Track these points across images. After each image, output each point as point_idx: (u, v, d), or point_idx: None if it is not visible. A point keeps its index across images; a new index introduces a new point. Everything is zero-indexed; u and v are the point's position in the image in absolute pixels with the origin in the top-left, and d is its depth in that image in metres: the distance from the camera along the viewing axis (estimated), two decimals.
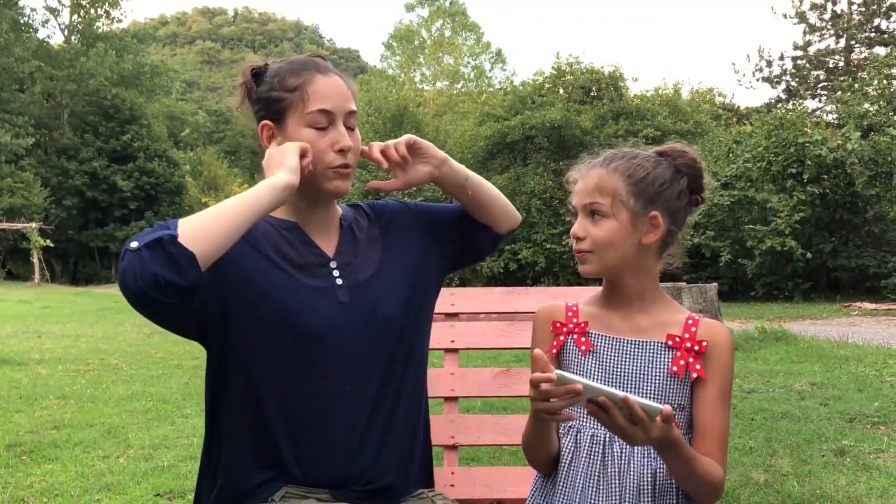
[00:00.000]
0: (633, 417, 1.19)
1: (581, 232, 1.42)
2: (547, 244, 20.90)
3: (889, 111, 16.63)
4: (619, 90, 23.47)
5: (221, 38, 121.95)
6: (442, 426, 2.09)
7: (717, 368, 1.39)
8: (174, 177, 39.86)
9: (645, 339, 1.42)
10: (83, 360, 8.04)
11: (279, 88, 1.47)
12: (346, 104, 1.47)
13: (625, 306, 1.45)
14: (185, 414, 5.33)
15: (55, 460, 4.09)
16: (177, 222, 1.27)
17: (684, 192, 1.43)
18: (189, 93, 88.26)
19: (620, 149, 1.48)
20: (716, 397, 1.39)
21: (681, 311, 1.45)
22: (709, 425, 1.39)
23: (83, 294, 23.11)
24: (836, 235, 16.41)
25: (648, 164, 1.42)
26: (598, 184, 1.41)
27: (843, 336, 8.89)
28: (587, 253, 1.42)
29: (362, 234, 1.60)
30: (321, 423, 1.44)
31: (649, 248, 1.42)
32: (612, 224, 1.39)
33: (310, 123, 1.44)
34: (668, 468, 1.34)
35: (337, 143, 1.45)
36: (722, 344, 1.40)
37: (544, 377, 1.20)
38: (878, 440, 4.23)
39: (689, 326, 1.41)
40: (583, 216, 1.43)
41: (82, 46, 39.20)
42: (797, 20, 29.33)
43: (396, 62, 41.30)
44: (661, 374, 1.39)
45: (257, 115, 1.53)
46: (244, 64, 1.57)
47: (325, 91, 1.45)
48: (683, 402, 1.41)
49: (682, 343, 1.40)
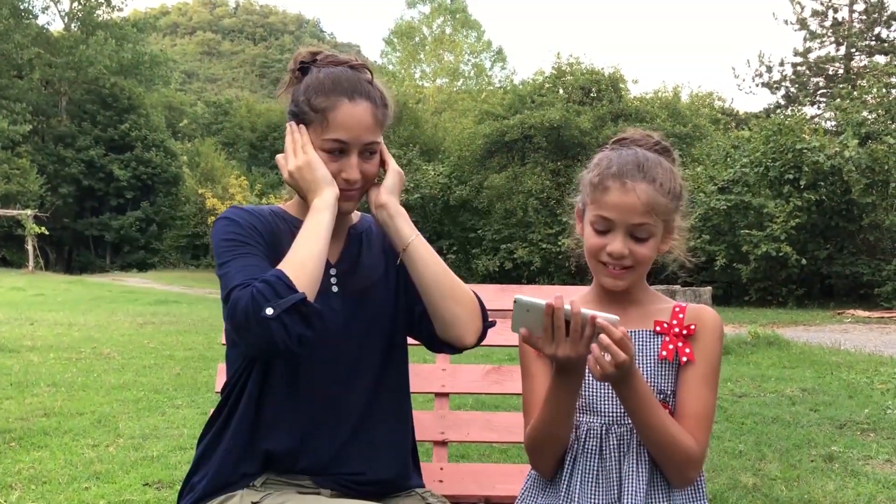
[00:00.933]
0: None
1: (626, 251, 1.37)
2: (543, 244, 20.91)
3: (887, 120, 16.69)
4: (619, 92, 23.48)
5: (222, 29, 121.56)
6: (432, 422, 2.09)
7: (704, 348, 1.39)
8: (171, 167, 39.79)
9: (635, 328, 1.42)
10: (75, 348, 8.02)
11: (306, 104, 1.48)
12: (363, 137, 1.47)
13: (616, 302, 1.45)
14: (176, 405, 5.32)
15: (44, 448, 4.08)
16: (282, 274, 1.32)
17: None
18: (188, 83, 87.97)
19: (644, 152, 1.41)
20: (698, 377, 1.38)
21: (667, 301, 1.47)
22: (687, 405, 1.37)
23: (77, 282, 23.06)
24: (831, 242, 16.45)
25: (672, 172, 1.41)
26: (650, 203, 1.35)
27: (836, 343, 8.91)
28: (628, 270, 1.39)
29: (371, 245, 1.62)
30: (307, 419, 1.48)
31: (661, 252, 1.44)
32: (656, 241, 1.39)
33: (324, 148, 1.47)
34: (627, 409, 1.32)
35: (343, 172, 1.48)
36: (710, 326, 1.41)
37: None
38: (868, 447, 4.24)
39: (676, 313, 1.42)
40: (624, 234, 1.37)
41: (82, 34, 39.10)
42: (798, 26, 29.35)
43: (397, 58, 41.26)
44: (650, 360, 1.40)
45: (288, 114, 1.54)
46: (299, 50, 1.57)
47: (345, 122, 1.46)
48: (676, 387, 1.41)
49: (670, 329, 1.40)
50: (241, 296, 1.30)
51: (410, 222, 1.53)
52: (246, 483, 1.46)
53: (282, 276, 1.32)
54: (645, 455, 1.38)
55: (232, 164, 45.15)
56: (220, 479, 1.46)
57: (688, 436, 1.34)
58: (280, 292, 1.29)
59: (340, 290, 1.54)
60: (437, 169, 24.33)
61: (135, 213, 38.79)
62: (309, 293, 1.33)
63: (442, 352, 1.65)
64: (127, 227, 38.47)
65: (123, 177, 37.73)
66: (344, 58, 1.57)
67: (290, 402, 1.48)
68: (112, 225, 38.45)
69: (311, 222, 1.41)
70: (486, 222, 23.07)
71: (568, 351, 1.26)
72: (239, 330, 1.31)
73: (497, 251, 22.30)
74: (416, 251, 1.50)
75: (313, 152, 1.45)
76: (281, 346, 1.29)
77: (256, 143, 48.90)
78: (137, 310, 13.60)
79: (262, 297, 1.28)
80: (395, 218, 1.51)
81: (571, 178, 17.67)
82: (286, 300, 1.29)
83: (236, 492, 1.43)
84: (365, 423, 1.53)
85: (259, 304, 1.27)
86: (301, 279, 1.33)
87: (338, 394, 1.50)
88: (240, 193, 37.37)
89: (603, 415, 1.41)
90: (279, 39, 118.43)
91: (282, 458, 1.47)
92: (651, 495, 1.38)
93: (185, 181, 40.96)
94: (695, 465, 1.36)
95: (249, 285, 1.31)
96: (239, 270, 1.38)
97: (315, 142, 1.47)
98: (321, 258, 1.39)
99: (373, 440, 1.54)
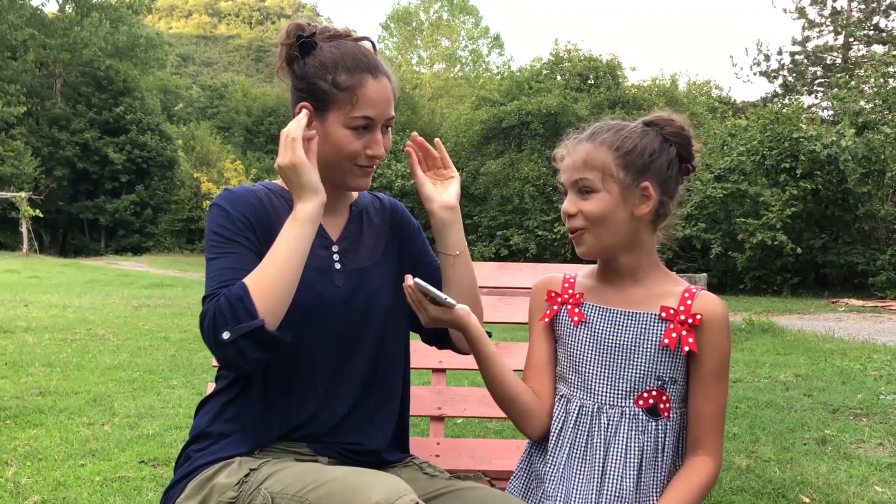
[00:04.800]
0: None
1: (572, 208, 1.40)
2: (539, 231, 20.94)
3: (884, 109, 16.67)
4: (617, 79, 23.48)
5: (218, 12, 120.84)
6: (429, 397, 2.10)
7: (711, 344, 1.38)
8: (166, 151, 39.59)
9: (639, 310, 1.41)
10: (70, 329, 8.01)
11: (331, 83, 1.46)
12: (388, 111, 1.50)
13: (619, 281, 1.45)
14: (172, 385, 5.32)
15: (40, 426, 4.08)
16: (245, 294, 1.31)
17: (674, 161, 1.41)
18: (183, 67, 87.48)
19: (606, 121, 1.46)
20: (710, 374, 1.38)
21: (678, 284, 1.44)
22: (701, 404, 1.39)
23: (71, 265, 23.01)
24: (826, 231, 16.48)
25: (635, 135, 1.40)
26: (586, 159, 1.39)
27: (830, 330, 8.95)
28: (581, 231, 1.40)
29: (371, 223, 1.64)
30: (310, 392, 1.49)
31: (642, 220, 1.40)
32: (604, 197, 1.37)
33: (350, 125, 1.46)
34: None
35: (370, 148, 1.49)
36: (718, 319, 1.38)
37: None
38: (860, 431, 4.27)
39: (685, 299, 1.40)
40: (572, 193, 1.41)
41: (77, 16, 38.75)
42: (796, 15, 29.29)
43: (393, 43, 41.14)
44: (652, 345, 1.39)
45: (297, 92, 1.51)
46: (289, 22, 1.54)
47: (374, 98, 1.47)
48: (676, 375, 1.40)
49: (676, 315, 1.38)
50: (206, 311, 1.33)
51: (463, 232, 1.62)
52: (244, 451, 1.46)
53: (244, 296, 1.31)
54: (635, 440, 1.38)
55: (227, 148, 45.00)
56: (219, 451, 1.46)
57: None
58: (239, 316, 1.29)
59: (343, 266, 1.55)
60: None
61: (129, 197, 38.62)
62: (273, 315, 1.33)
63: (441, 348, 1.71)
64: (122, 211, 38.31)
65: (118, 160, 37.54)
66: (343, 30, 1.55)
67: (293, 375, 1.48)
68: (107, 208, 38.28)
69: (291, 235, 1.38)
70: (483, 209, 23.07)
71: (425, 317, 1.42)
72: (206, 344, 1.34)
73: (493, 238, 22.32)
74: (464, 259, 1.59)
75: (302, 154, 1.40)
76: (237, 368, 1.36)
77: (252, 127, 48.69)
78: (132, 293, 13.59)
79: (221, 319, 1.30)
80: (457, 224, 1.60)
81: None
82: (243, 326, 1.29)
83: (234, 458, 1.43)
84: (365, 396, 1.54)
85: (218, 326, 1.30)
86: (266, 300, 1.32)
87: (339, 367, 1.51)
88: (235, 178, 37.26)
89: (596, 395, 1.42)
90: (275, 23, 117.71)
91: (285, 429, 1.48)
92: (641, 480, 1.38)
93: (180, 165, 40.80)
94: (715, 469, 1.40)
95: (216, 298, 1.33)
96: (216, 274, 1.40)
97: (339, 120, 1.46)
98: (294, 277, 1.37)
99: (372, 412, 1.55)
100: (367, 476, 1.28)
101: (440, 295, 1.39)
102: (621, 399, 1.40)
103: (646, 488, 1.38)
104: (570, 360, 1.46)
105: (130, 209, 38.49)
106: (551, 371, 1.50)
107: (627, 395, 1.40)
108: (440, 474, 1.54)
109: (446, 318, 1.42)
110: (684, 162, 1.43)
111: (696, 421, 1.39)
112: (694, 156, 1.44)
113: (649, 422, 1.39)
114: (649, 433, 1.39)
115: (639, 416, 1.39)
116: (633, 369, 1.39)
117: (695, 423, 1.40)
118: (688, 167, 1.44)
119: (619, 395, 1.40)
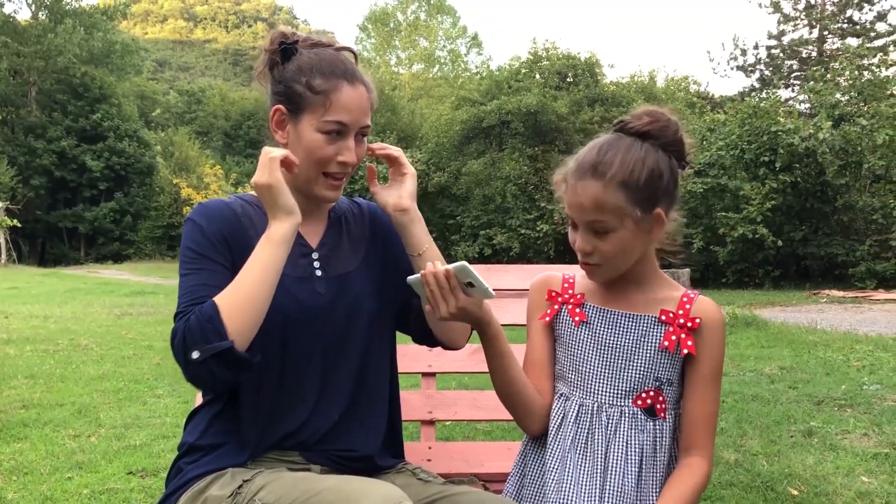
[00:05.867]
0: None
1: (587, 247, 1.38)
2: (522, 229, 20.96)
3: (860, 101, 16.86)
4: (595, 76, 23.52)
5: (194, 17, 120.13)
6: (419, 401, 2.09)
7: (708, 347, 1.40)
8: (145, 157, 39.35)
9: (639, 313, 1.43)
10: (52, 340, 7.92)
11: (305, 86, 1.46)
12: (362, 119, 1.49)
13: (620, 284, 1.45)
14: (157, 394, 5.28)
15: (24, 439, 4.03)
16: (216, 314, 1.31)
17: (674, 170, 1.39)
18: (160, 72, 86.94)
19: (603, 145, 1.38)
20: (705, 377, 1.41)
21: (677, 289, 1.46)
22: (697, 406, 1.41)
23: (51, 275, 22.77)
24: (806, 224, 16.64)
25: (641, 163, 1.35)
26: (597, 202, 1.34)
27: (812, 322, 9.03)
28: (596, 266, 1.40)
29: (350, 229, 1.63)
30: (300, 401, 1.49)
31: (654, 240, 1.42)
32: (621, 235, 1.36)
33: (323, 129, 1.46)
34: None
35: (341, 155, 1.48)
36: (715, 323, 1.41)
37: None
38: (845, 422, 4.31)
39: (683, 303, 1.42)
40: (584, 231, 1.38)
41: (50, 23, 38.42)
42: (772, 10, 29.57)
43: (371, 45, 41.03)
44: (652, 348, 1.41)
45: (274, 96, 1.51)
46: (274, 31, 1.55)
47: (348, 104, 1.46)
48: (673, 377, 1.42)
49: (675, 319, 1.40)
50: (177, 329, 1.33)
51: (426, 229, 1.57)
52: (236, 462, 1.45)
53: (214, 316, 1.31)
54: (635, 438, 1.40)
55: (206, 153, 44.81)
56: (211, 463, 1.46)
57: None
58: (208, 337, 1.30)
59: (324, 273, 1.54)
60: (414, 156, 24.26)
61: (108, 205, 38.33)
62: (243, 336, 1.33)
63: (433, 347, 1.69)
64: (101, 219, 38.01)
65: (96, 167, 37.25)
66: (326, 40, 1.56)
67: (281, 385, 1.48)
68: (86, 216, 37.98)
69: (265, 255, 1.38)
70: (465, 209, 23.07)
71: (447, 308, 1.34)
72: (176, 361, 1.33)
73: (476, 237, 22.33)
74: (429, 258, 1.52)
75: (279, 175, 1.39)
76: (206, 387, 1.39)
77: (231, 131, 48.51)
78: (114, 301, 13.46)
79: (191, 338, 1.30)
80: (415, 223, 1.54)
81: (549, 163, 17.58)
82: (212, 347, 1.29)
83: (226, 469, 1.42)
84: (355, 401, 1.54)
85: (188, 346, 1.30)
86: (236, 321, 1.32)
87: (327, 373, 1.51)
88: (215, 182, 37.12)
89: (596, 394, 1.43)
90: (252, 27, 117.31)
91: (276, 438, 1.47)
92: (642, 477, 1.39)
93: (159, 171, 40.55)
94: (709, 469, 1.41)
95: (186, 316, 1.33)
96: (187, 290, 1.41)
97: (312, 124, 1.46)
98: (266, 298, 1.36)
99: (363, 417, 1.55)
100: (360, 484, 1.28)
101: (483, 283, 1.32)
102: (620, 399, 1.42)
103: (646, 486, 1.39)
104: (570, 359, 1.47)
105: (110, 217, 38.19)
106: (550, 369, 1.51)
107: (627, 395, 1.42)
108: (434, 479, 1.54)
109: (474, 310, 1.37)
110: (680, 162, 1.42)
111: (691, 422, 1.41)
112: (688, 153, 1.42)
113: (647, 421, 1.41)
114: (648, 432, 1.41)
115: (637, 415, 1.41)
116: (632, 370, 1.41)
117: (689, 424, 1.42)
118: (682, 165, 1.43)
119: (619, 394, 1.42)
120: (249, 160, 44.54)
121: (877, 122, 15.43)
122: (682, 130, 1.40)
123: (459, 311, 1.35)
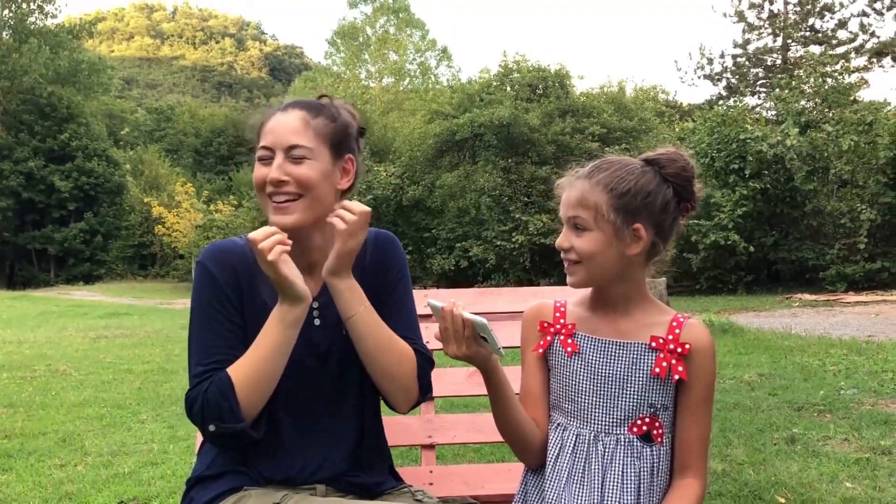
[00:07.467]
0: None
1: (565, 243, 1.43)
2: (497, 241, 21.03)
3: (824, 108, 17.21)
4: (566, 88, 23.72)
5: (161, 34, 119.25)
6: (419, 426, 2.11)
7: (699, 372, 1.43)
8: (114, 176, 38.95)
9: (629, 340, 1.45)
10: (29, 366, 7.81)
11: (251, 127, 1.56)
12: (285, 139, 1.47)
13: (609, 310, 1.48)
14: (142, 419, 5.23)
15: (9, 470, 3.98)
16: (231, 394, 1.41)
17: (670, 202, 1.43)
18: (128, 90, 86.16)
19: (608, 157, 1.48)
20: (698, 401, 1.43)
21: (666, 313, 1.48)
22: (690, 429, 1.43)
23: (21, 298, 22.40)
24: (776, 229, 16.91)
25: (632, 176, 1.41)
26: (581, 198, 1.42)
27: (787, 327, 9.18)
28: (575, 264, 1.44)
29: (354, 269, 1.56)
30: (304, 443, 1.54)
31: (633, 258, 1.44)
32: (596, 237, 1.40)
33: (259, 158, 1.51)
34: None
35: (266, 176, 1.48)
36: (705, 348, 1.43)
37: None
38: (825, 427, 4.40)
39: (673, 328, 1.44)
40: (567, 228, 1.44)
41: (14, 42, 37.91)
42: (736, 19, 30.14)
43: (341, 59, 41.00)
44: (644, 375, 1.43)
45: None
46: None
47: (272, 127, 1.50)
48: (667, 402, 1.44)
49: (665, 345, 1.42)
50: (195, 398, 1.42)
51: (360, 294, 1.51)
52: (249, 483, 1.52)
53: (231, 397, 1.40)
54: (631, 465, 1.42)
55: (177, 170, 44.40)
56: (220, 486, 1.50)
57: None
58: (224, 416, 1.40)
59: (322, 321, 1.56)
60: (388, 169, 24.28)
61: (78, 225, 37.85)
62: (253, 410, 1.43)
63: None
64: (71, 240, 37.51)
65: (65, 188, 36.79)
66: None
67: (286, 428, 1.52)
68: (55, 237, 37.45)
69: (277, 337, 1.44)
70: (440, 221, 23.11)
71: (456, 350, 1.36)
72: (191, 422, 1.46)
73: (452, 250, 22.37)
74: (355, 325, 1.50)
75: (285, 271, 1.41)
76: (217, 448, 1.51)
77: (201, 148, 48.12)
78: (88, 324, 13.29)
79: (209, 413, 1.41)
80: (343, 292, 1.49)
81: (522, 174, 17.62)
82: (228, 427, 1.41)
83: (243, 488, 1.48)
84: (358, 438, 1.59)
85: (206, 419, 1.41)
86: (249, 400, 1.42)
87: (329, 414, 1.56)
88: (186, 200, 36.75)
89: (591, 423, 1.45)
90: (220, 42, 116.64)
91: (281, 478, 1.51)
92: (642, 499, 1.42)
93: (129, 190, 40.14)
94: (702, 490, 1.44)
95: (205, 388, 1.42)
96: (201, 349, 1.47)
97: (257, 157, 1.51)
98: (276, 376, 1.45)
99: (372, 456, 1.61)
100: None
101: (496, 343, 1.34)
102: (616, 427, 1.44)
103: None
104: (564, 389, 1.49)
105: (80, 237, 37.70)
106: (545, 400, 1.53)
107: (622, 423, 1.44)
108: (430, 500, 1.58)
109: (480, 360, 1.39)
110: (684, 201, 1.46)
111: (684, 445, 1.44)
112: (694, 195, 1.46)
113: (644, 448, 1.43)
114: (645, 459, 1.43)
115: (633, 442, 1.43)
116: (626, 398, 1.44)
117: (682, 447, 1.44)
118: (687, 206, 1.47)
119: (614, 422, 1.44)
120: (220, 177, 44.22)
121: (842, 128, 15.76)
122: (692, 170, 1.45)
123: (465, 357, 1.39)
